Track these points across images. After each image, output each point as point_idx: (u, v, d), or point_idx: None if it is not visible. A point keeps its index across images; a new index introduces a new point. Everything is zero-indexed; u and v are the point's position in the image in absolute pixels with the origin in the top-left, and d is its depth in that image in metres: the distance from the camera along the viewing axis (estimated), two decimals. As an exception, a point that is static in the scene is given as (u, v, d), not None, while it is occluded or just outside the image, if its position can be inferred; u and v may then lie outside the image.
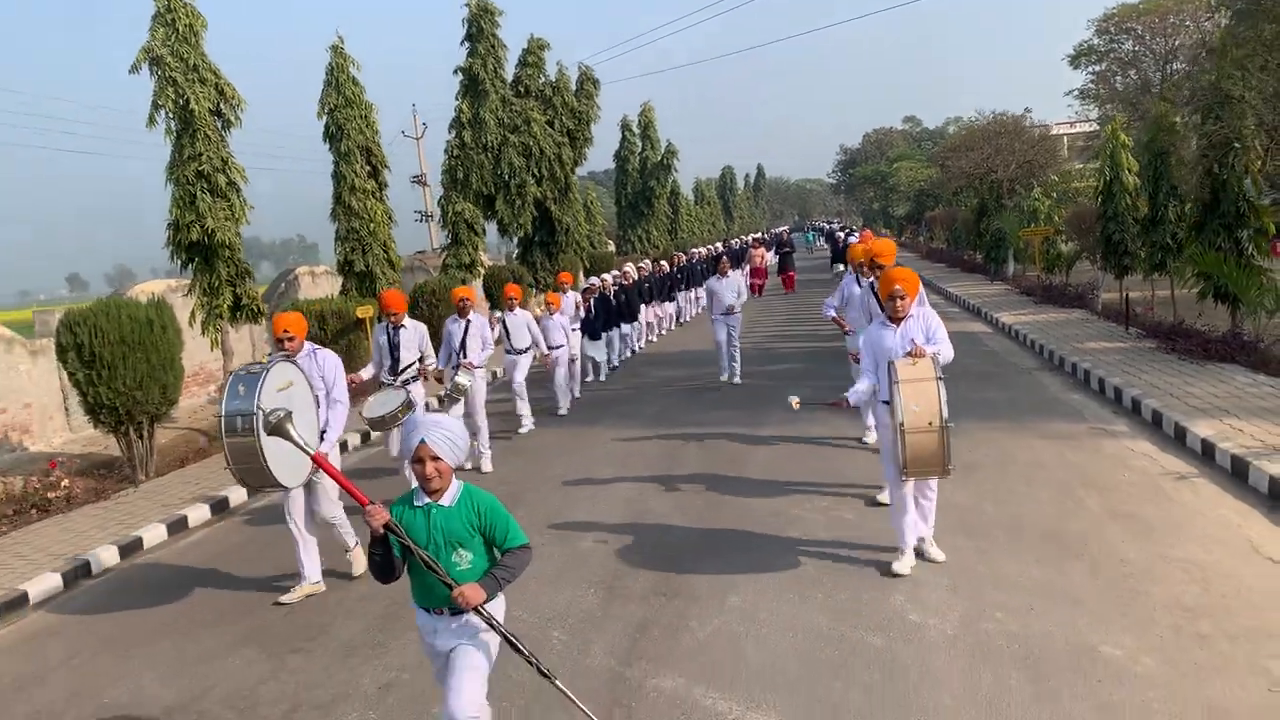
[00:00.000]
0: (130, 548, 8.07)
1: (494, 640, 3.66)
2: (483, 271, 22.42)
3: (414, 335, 8.80)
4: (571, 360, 13.28)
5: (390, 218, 18.45)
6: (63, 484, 10.02)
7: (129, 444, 10.69)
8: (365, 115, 17.92)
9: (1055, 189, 22.64)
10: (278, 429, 3.82)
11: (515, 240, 25.28)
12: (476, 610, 3.45)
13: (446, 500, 3.56)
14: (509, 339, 11.40)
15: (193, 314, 13.61)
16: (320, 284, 20.24)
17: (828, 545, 6.51)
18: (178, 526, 8.67)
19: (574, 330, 13.78)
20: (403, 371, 8.73)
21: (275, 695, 5.13)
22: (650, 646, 5.18)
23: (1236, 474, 7.23)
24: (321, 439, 6.41)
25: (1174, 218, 14.08)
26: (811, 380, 12.94)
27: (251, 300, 13.85)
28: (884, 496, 7.11)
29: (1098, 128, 35.89)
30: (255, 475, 5.80)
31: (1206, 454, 7.80)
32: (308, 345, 6.64)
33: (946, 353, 5.90)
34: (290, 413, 3.96)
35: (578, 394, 13.68)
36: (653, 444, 10.23)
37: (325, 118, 17.72)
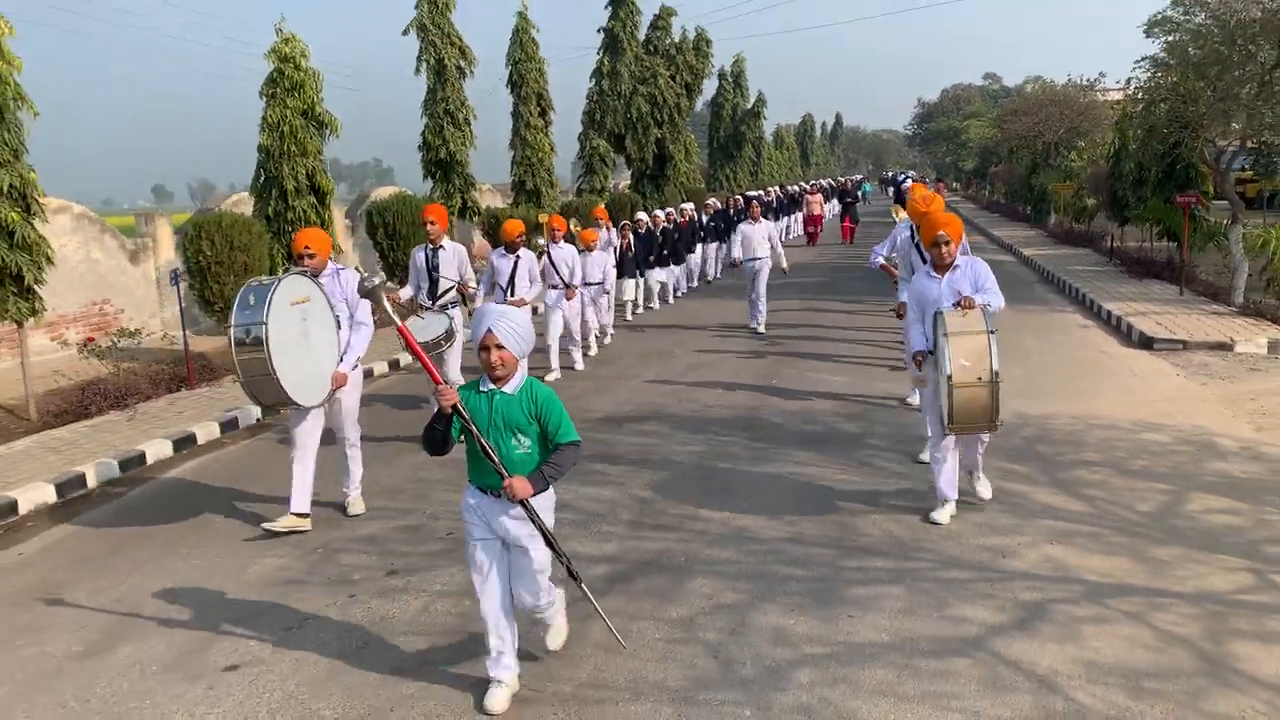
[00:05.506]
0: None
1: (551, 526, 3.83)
2: (609, 195, 27.75)
3: (453, 257, 8.57)
4: (605, 293, 12.66)
5: (553, 149, 23.83)
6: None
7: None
8: (540, 68, 23.18)
9: (1086, 152, 27.08)
10: (372, 294, 3.90)
11: (629, 172, 30.54)
12: (523, 504, 3.66)
13: (510, 388, 3.74)
14: (556, 273, 10.99)
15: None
16: (486, 198, 25.81)
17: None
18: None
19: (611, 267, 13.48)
20: (442, 295, 8.49)
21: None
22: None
23: (1115, 326, 12.48)
24: (341, 360, 6.15)
25: (1154, 180, 18.79)
26: (830, 293, 17.73)
27: (474, 204, 19.43)
28: (925, 456, 6.72)
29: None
30: (267, 390, 5.49)
31: (1107, 318, 13.01)
32: (331, 265, 6.31)
33: (997, 302, 5.70)
34: (385, 280, 4.95)
35: (601, 339, 12.90)
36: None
37: (510, 69, 23.01)
